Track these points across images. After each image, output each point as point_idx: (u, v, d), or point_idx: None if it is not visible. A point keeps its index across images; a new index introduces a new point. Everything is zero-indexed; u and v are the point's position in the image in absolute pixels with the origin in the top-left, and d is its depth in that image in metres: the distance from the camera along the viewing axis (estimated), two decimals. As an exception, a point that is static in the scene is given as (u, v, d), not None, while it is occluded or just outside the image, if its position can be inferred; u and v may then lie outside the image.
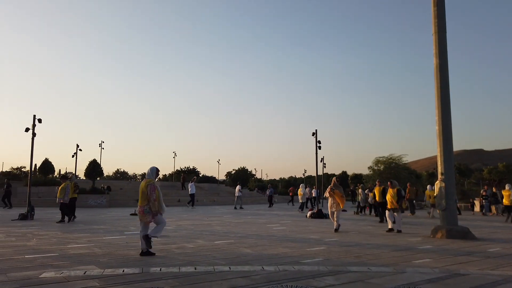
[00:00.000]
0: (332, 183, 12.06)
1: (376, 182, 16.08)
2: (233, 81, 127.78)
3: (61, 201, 13.75)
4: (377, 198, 15.36)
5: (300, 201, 23.57)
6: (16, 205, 22.12)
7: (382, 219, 14.86)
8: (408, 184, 21.50)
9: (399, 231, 11.44)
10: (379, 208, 15.61)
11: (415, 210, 21.59)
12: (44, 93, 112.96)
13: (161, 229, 7.20)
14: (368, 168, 35.72)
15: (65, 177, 15.25)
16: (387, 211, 12.24)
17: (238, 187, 26.11)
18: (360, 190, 20.99)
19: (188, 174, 57.54)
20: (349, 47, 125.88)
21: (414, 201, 21.64)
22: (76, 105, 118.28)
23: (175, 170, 57.31)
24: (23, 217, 14.51)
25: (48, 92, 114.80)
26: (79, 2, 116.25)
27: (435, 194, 11.46)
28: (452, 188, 10.88)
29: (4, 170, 38.99)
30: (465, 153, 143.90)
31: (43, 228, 11.57)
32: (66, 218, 13.88)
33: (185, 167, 66.74)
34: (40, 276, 5.16)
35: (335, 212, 11.58)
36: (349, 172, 63.10)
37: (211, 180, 54.46)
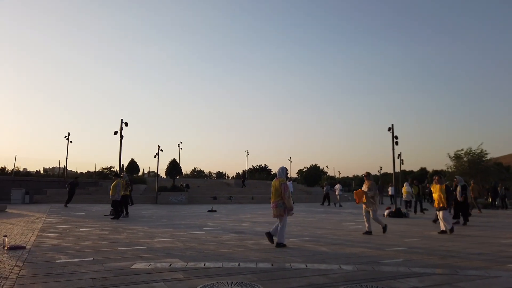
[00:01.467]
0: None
1: (434, 179, 14.49)
2: (303, 79, 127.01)
3: (113, 199, 14.31)
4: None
5: (404, 199, 20.99)
6: (108, 202, 24.20)
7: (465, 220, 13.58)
8: (472, 182, 19.67)
9: (451, 231, 10.46)
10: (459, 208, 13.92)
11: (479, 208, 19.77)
12: (130, 98, 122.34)
13: (283, 232, 7.93)
14: (450, 162, 33.18)
15: (117, 175, 15.77)
16: (441, 211, 10.79)
17: (338, 186, 26.86)
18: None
19: (260, 172, 58.42)
20: (426, 38, 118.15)
21: (477, 200, 19.70)
22: (157, 108, 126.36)
23: (248, 168, 58.54)
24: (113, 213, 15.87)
25: (133, 97, 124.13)
26: (150, 9, 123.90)
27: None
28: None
29: (95, 170, 42.96)
30: None
31: (131, 223, 12.57)
32: (124, 212, 14.63)
33: (257, 165, 67.93)
34: (131, 267, 5.62)
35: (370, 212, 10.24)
36: (429, 169, 59.36)
37: (283, 178, 54.62)
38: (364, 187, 10.20)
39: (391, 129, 19.85)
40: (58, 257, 6.43)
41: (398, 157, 26.78)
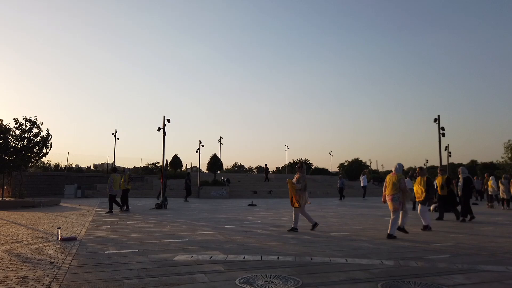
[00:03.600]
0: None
1: (438, 171, 13.35)
2: (345, 71, 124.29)
3: (110, 193, 14.40)
4: (439, 191, 12.72)
5: (491, 194, 19.24)
6: (152, 196, 25.14)
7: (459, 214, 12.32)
8: (485, 175, 18.34)
9: (426, 228, 9.55)
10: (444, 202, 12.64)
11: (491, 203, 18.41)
12: (173, 95, 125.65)
13: (396, 224, 8.33)
14: (503, 156, 31.23)
15: (115, 170, 15.91)
16: (419, 205, 10.13)
17: (363, 178, 26.70)
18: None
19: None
20: (471, 22, 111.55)
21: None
22: (198, 105, 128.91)
23: (288, 162, 58.41)
24: (158, 207, 16.45)
25: (176, 93, 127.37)
26: (188, 8, 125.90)
27: None
28: None
29: (141, 166, 44.61)
30: None
31: (174, 216, 12.97)
32: (125, 207, 14.69)
33: (297, 159, 67.50)
34: (174, 259, 5.82)
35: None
36: (480, 161, 56.31)
37: (323, 172, 54.09)
38: (294, 179, 9.47)
39: (437, 120, 19.05)
40: (107, 248, 6.77)
41: (445, 149, 25.70)
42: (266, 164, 38.20)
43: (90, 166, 53.74)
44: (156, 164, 43.30)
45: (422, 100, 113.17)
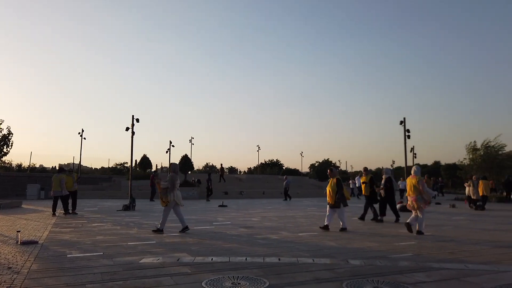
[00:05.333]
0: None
1: (363, 171, 13.07)
2: (315, 73, 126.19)
3: (56, 194, 13.95)
4: (363, 191, 12.68)
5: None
6: (119, 197, 24.58)
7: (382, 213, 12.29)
8: (478, 178, 19.26)
9: (324, 227, 9.56)
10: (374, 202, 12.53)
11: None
12: (142, 95, 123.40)
13: (423, 221, 9.07)
14: (465, 157, 32.58)
15: (62, 170, 15.07)
16: (329, 207, 9.78)
17: (357, 178, 26.99)
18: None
19: (271, 167, 58.41)
20: (438, 25, 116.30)
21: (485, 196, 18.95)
22: (169, 105, 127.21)
23: (259, 163, 58.64)
24: (126, 208, 16.10)
25: (145, 93, 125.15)
26: (161, 7, 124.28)
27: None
28: None
29: (109, 166, 43.53)
30: None
31: (143, 218, 12.72)
32: (70, 210, 14.06)
33: (269, 160, 67.92)
34: (140, 262, 5.71)
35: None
36: (443, 162, 58.55)
37: (294, 172, 54.65)
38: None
39: (403, 122, 19.64)
40: (69, 251, 6.56)
41: (410, 151, 26.55)
42: (221, 164, 37.57)
43: (55, 166, 51.93)
44: (125, 165, 42.40)
45: (390, 102, 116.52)
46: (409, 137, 19.68)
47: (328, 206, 9.83)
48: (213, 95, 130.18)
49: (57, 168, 18.35)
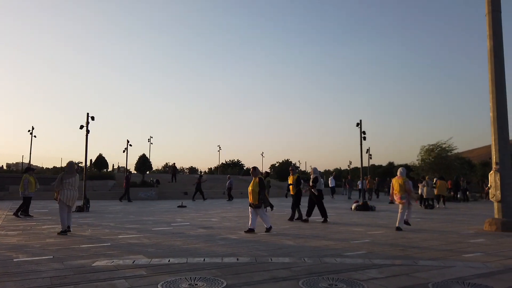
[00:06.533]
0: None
1: (290, 170, 12.86)
2: (275, 74, 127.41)
3: (24, 195, 13.14)
4: (291, 191, 12.46)
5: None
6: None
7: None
8: (437, 179, 20.48)
9: (249, 231, 9.21)
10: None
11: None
12: (97, 93, 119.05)
13: (410, 214, 10.32)
14: (417, 158, 34.12)
15: (29, 169, 14.21)
16: (251, 208, 9.39)
17: (330, 179, 28.77)
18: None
19: (232, 167, 58.35)
20: (393, 32, 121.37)
21: (442, 195, 20.20)
22: (126, 103, 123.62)
23: (220, 163, 58.38)
24: (79, 209, 15.45)
25: (101, 91, 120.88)
26: (116, 7, 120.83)
27: (488, 185, 10.79)
28: (508, 179, 10.22)
29: (62, 166, 41.63)
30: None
31: (97, 220, 12.27)
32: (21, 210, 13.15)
33: (230, 160, 67.84)
34: (93, 265, 5.50)
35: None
36: (396, 163, 61.08)
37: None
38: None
39: (359, 124, 20.26)
40: (16, 255, 6.20)
41: (366, 152, 27.48)
42: (174, 163, 36.53)
43: (2, 166, 49.06)
44: (79, 164, 40.72)
45: (347, 105, 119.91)
46: (365, 138, 20.29)
47: (250, 207, 9.40)
48: (173, 95, 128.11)
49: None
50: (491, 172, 10.61)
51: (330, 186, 29.17)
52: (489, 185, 10.68)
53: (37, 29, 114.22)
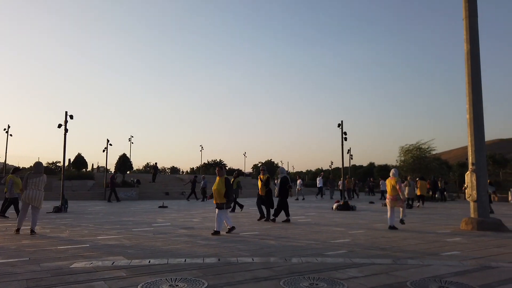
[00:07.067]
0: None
1: (260, 170, 12.66)
2: (258, 75, 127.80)
3: (11, 196, 12.71)
4: (260, 191, 12.31)
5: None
6: (51, 199, 23.04)
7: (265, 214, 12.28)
8: (347, 176, 21.04)
9: (216, 233, 8.95)
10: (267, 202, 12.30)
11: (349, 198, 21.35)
12: (76, 91, 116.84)
13: (405, 213, 10.74)
14: (397, 159, 34.72)
15: (17, 169, 13.89)
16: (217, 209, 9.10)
17: (299, 181, 28.28)
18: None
19: (214, 167, 58.12)
20: (374, 36, 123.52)
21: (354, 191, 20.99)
22: (106, 102, 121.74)
23: (202, 163, 58.07)
24: (57, 210, 15.13)
25: (80, 90, 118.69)
26: (98, 4, 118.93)
27: (465, 185, 11.07)
28: (483, 179, 10.51)
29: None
30: (501, 142, 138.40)
31: (76, 220, 12.03)
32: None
33: (212, 160, 67.59)
34: (70, 266, 5.38)
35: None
36: (377, 164, 62.08)
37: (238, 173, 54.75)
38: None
39: (340, 125, 20.50)
40: (-10, 258, 6.02)
41: (347, 153, 27.85)
42: (155, 163, 36.52)
43: (-24, 166, 47.38)
44: (57, 164, 39.84)
45: (329, 105, 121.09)
46: (346, 139, 20.56)
47: (216, 207, 9.11)
48: (155, 93, 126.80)
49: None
50: (467, 172, 10.88)
51: (318, 186, 29.64)
52: (465, 185, 10.96)
53: (13, 25, 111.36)
